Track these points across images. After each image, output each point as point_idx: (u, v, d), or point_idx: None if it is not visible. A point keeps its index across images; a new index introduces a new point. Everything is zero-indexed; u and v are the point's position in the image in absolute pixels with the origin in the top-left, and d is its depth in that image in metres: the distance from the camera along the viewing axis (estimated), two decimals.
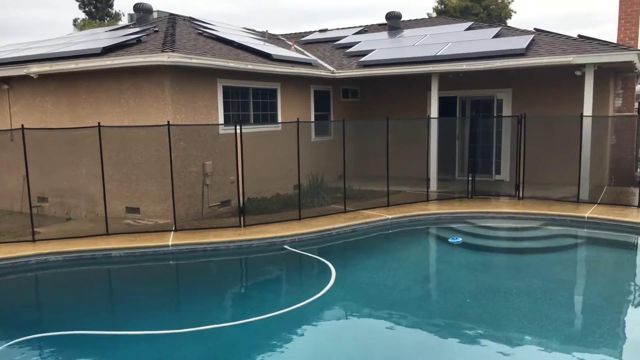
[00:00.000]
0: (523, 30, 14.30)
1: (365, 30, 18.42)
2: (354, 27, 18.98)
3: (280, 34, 19.20)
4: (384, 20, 18.21)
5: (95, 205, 10.78)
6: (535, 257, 8.91)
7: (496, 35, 13.88)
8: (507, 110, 14.02)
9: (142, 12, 14.95)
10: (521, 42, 12.44)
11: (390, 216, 10.42)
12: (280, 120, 12.85)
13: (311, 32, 19.37)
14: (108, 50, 10.67)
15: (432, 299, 7.21)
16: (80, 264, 8.29)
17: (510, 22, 34.19)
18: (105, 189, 9.63)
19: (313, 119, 14.18)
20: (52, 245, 8.55)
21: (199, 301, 7.01)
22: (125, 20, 20.25)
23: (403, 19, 18.15)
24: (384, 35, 16.79)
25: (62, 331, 5.93)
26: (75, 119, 11.02)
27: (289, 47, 15.66)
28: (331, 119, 14.88)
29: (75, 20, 37.40)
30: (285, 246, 8.99)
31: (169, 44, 10.42)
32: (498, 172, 14.39)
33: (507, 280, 7.64)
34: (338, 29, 19.22)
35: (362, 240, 9.67)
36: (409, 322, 6.17)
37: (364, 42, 15.94)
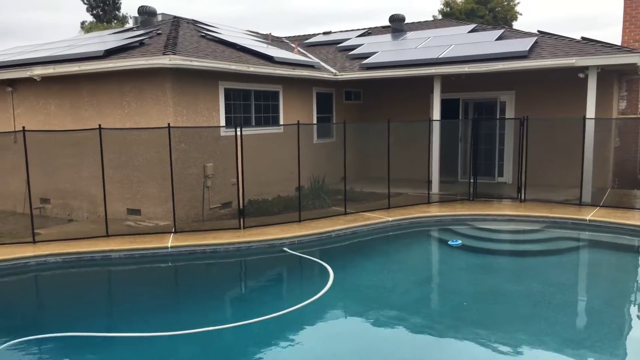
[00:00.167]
0: (526, 33, 14.24)
1: (368, 32, 18.42)
2: (358, 30, 18.99)
3: (284, 37, 19.26)
4: (388, 23, 18.22)
5: (97, 207, 10.85)
6: (535, 260, 8.85)
7: (499, 38, 13.83)
8: (510, 113, 13.95)
9: (147, 15, 15.03)
10: (524, 45, 12.39)
11: (391, 218, 10.40)
12: (282, 122, 12.87)
13: (315, 35, 19.41)
14: (110, 53, 10.75)
15: (431, 301, 7.18)
16: (79, 266, 8.33)
17: (516, 24, 34.08)
18: (107, 190, 9.68)
19: (315, 121, 14.19)
20: (52, 247, 8.61)
21: (196, 303, 7.03)
22: (131, 23, 20.37)
23: (407, 22, 18.15)
24: (387, 37, 16.80)
25: (60, 333, 5.94)
26: (78, 120, 11.10)
27: (292, 50, 15.69)
28: (333, 121, 14.87)
29: (83, 23, 37.68)
30: (285, 248, 8.99)
31: (170, 46, 10.47)
32: (501, 175, 14.32)
33: (507, 283, 7.60)
34: (342, 32, 19.24)
35: (362, 242, 9.66)
36: (407, 325, 6.15)
37: (367, 45, 15.95)
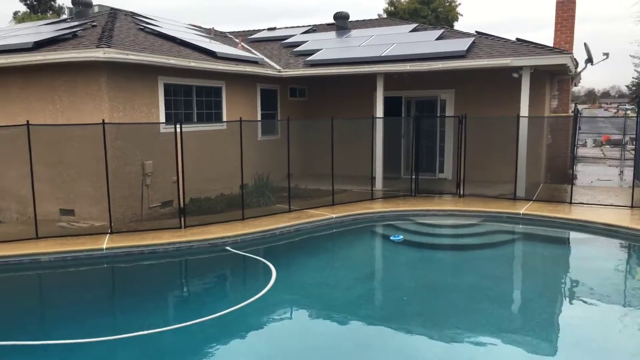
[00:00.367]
0: (465, 33, 14.67)
1: (313, 29, 18.42)
2: (303, 27, 18.96)
3: (228, 32, 18.93)
4: (333, 21, 18.29)
5: (26, 207, 10.25)
6: (472, 254, 9.16)
7: (439, 37, 14.18)
8: (450, 111, 14.34)
9: (81, 6, 14.34)
10: (462, 45, 12.76)
11: (335, 215, 10.46)
12: (225, 119, 12.66)
13: (259, 31, 19.21)
14: (40, 45, 10.20)
15: (372, 297, 7.26)
16: (5, 271, 7.85)
17: (457, 25, 35.16)
18: (37, 190, 9.18)
19: (260, 118, 14.05)
20: None
21: (133, 306, 6.78)
22: (67, 15, 19.35)
23: (352, 20, 18.27)
24: (332, 35, 16.86)
25: None
26: (6, 116, 10.44)
27: (236, 45, 15.46)
28: (278, 118, 14.78)
29: (16, 14, 35.70)
30: (227, 247, 8.85)
31: (105, 39, 10.05)
32: (441, 171, 14.71)
33: (445, 276, 7.81)
34: (287, 28, 19.15)
35: (306, 239, 9.64)
36: (349, 321, 6.18)
37: (312, 42, 15.95)
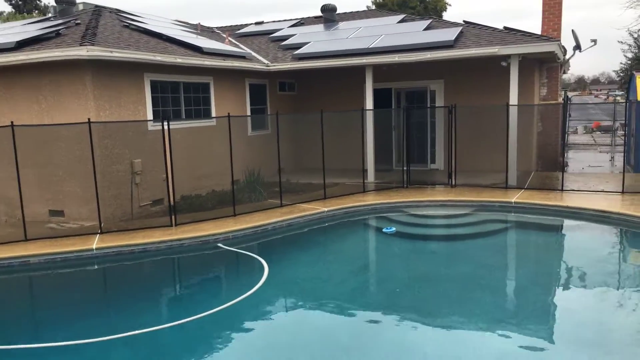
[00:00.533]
0: (452, 23, 14.62)
1: (301, 23, 18.30)
2: (290, 20, 18.82)
3: (215, 27, 18.76)
4: (320, 13, 18.17)
5: (15, 209, 10.09)
6: (465, 244, 9.16)
7: (427, 28, 14.12)
8: (440, 101, 14.30)
9: (65, 4, 14.13)
10: (450, 34, 12.71)
11: (327, 209, 10.41)
12: (214, 114, 12.55)
13: (247, 25, 19.05)
14: (23, 45, 10.04)
15: (365, 290, 7.22)
16: None
17: (446, 15, 35.08)
18: (26, 191, 9.06)
19: (249, 113, 13.95)
20: None
21: (126, 306, 6.72)
22: (52, 13, 19.03)
23: (339, 12, 18.17)
24: (320, 28, 16.75)
25: None
26: None
27: (223, 40, 15.32)
28: (268, 112, 14.68)
29: (1, 14, 35.23)
30: (219, 244, 8.78)
31: (89, 37, 9.90)
32: (433, 161, 14.69)
33: (438, 267, 7.81)
34: (274, 22, 19.00)
35: (298, 234, 9.60)
36: (342, 314, 6.15)
37: (299, 35, 15.84)
